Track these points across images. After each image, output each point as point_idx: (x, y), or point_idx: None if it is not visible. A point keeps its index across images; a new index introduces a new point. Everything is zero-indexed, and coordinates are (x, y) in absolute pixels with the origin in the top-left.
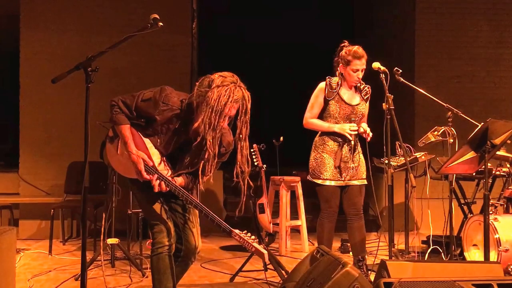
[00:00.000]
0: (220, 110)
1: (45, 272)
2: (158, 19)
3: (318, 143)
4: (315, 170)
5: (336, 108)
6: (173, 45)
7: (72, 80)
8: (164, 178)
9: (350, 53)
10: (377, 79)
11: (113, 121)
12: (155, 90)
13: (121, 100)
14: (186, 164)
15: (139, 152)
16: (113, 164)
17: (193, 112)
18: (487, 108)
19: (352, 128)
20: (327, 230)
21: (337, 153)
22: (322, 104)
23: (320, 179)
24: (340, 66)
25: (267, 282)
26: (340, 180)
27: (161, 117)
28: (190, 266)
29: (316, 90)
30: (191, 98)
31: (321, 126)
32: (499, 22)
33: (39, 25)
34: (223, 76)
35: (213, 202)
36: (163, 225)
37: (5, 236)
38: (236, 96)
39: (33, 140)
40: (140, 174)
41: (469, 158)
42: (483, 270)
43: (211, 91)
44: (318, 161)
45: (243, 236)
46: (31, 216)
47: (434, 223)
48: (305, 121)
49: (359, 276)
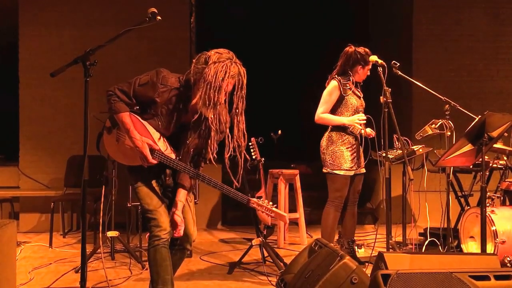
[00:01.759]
0: (218, 86)
1: (45, 264)
2: (156, 13)
3: (335, 137)
4: (335, 162)
5: (354, 101)
6: (171, 39)
7: (71, 74)
8: (170, 160)
9: (368, 54)
10: (375, 72)
11: (112, 110)
12: (151, 73)
13: (117, 88)
14: (189, 144)
15: (143, 137)
16: (112, 154)
17: (191, 89)
18: (485, 101)
19: (360, 118)
20: (333, 218)
21: (354, 145)
22: (335, 101)
23: (341, 169)
24: (359, 67)
25: (266, 274)
26: (353, 170)
27: (161, 98)
28: (186, 254)
29: (329, 88)
30: (188, 75)
31: (332, 120)
32: (496, 15)
33: (38, 19)
34: (219, 52)
35: (212, 196)
36: (160, 218)
37: (6, 229)
38: (233, 72)
39: (33, 134)
40: (146, 159)
41: (467, 151)
42: (480, 261)
43: (208, 67)
44: (337, 154)
45: (261, 203)
46: (32, 209)
47: (431, 215)
48: (317, 116)
49: (357, 268)
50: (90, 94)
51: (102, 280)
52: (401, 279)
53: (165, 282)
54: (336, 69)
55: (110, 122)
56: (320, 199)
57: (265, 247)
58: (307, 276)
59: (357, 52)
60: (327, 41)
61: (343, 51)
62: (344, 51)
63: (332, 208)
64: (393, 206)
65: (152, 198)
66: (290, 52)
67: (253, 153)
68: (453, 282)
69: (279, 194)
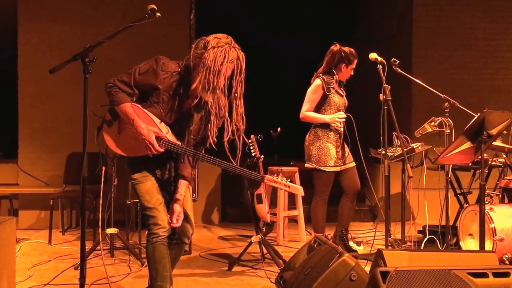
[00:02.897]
0: (217, 71)
1: (44, 261)
2: (155, 10)
3: (321, 134)
4: (321, 158)
5: (337, 99)
6: (170, 36)
7: (70, 71)
8: (177, 146)
9: (352, 54)
10: (374, 70)
11: (114, 102)
12: (150, 61)
13: (117, 79)
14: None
15: (148, 126)
16: (114, 148)
17: (191, 74)
18: (484, 99)
19: (340, 116)
20: (322, 210)
21: (338, 142)
22: (318, 99)
23: (326, 166)
24: (342, 65)
25: (265, 270)
26: (339, 165)
27: (163, 85)
28: (184, 248)
29: (313, 87)
30: (188, 60)
31: (315, 118)
32: (496, 13)
33: (37, 16)
34: (218, 37)
35: (211, 193)
36: (159, 215)
37: (5, 225)
38: (231, 56)
39: (32, 131)
40: (152, 146)
41: (466, 149)
42: (478, 259)
43: (207, 52)
44: (323, 150)
45: (275, 179)
46: (31, 206)
47: (430, 213)
48: (301, 114)
49: (356, 265)
50: (89, 91)
51: (102, 277)
52: (399, 276)
53: (163, 279)
54: (322, 67)
55: (110, 115)
56: None
57: (264, 244)
58: (306, 273)
59: (342, 50)
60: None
61: (329, 49)
62: (329, 49)
63: (320, 201)
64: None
65: (152, 195)
66: (290, 48)
67: (252, 150)
68: (452, 279)
69: (278, 192)
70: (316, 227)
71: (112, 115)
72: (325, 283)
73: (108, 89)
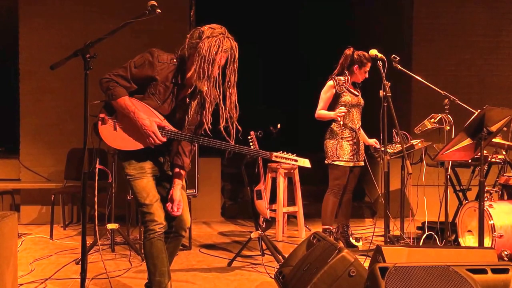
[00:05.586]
0: (212, 60)
1: (46, 256)
2: (156, 6)
3: (336, 131)
4: (334, 153)
5: (349, 98)
6: (171, 32)
7: (71, 67)
8: (179, 134)
9: (365, 57)
10: (374, 66)
11: (112, 96)
12: (144, 54)
13: (113, 74)
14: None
15: (150, 117)
16: (112, 143)
17: (185, 63)
18: (484, 96)
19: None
20: (332, 204)
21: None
22: (331, 98)
23: (339, 160)
24: (355, 67)
25: (264, 266)
26: (352, 161)
27: (160, 76)
28: (181, 241)
29: (325, 88)
30: (183, 50)
31: (325, 115)
32: (497, 10)
33: (39, 11)
34: (212, 27)
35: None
36: (156, 212)
37: (7, 220)
38: (225, 46)
39: (33, 126)
40: (155, 136)
41: (465, 145)
42: (477, 255)
43: (202, 42)
44: (337, 146)
45: (284, 155)
46: (32, 202)
47: (429, 209)
48: (316, 113)
49: (355, 261)
50: (90, 88)
51: (102, 271)
52: (398, 272)
53: (162, 274)
54: (336, 69)
55: (105, 111)
56: (318, 193)
57: (264, 240)
58: (305, 269)
59: (355, 54)
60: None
61: (343, 52)
62: (344, 53)
63: (332, 195)
64: (392, 200)
65: (148, 192)
66: (291, 45)
67: (252, 147)
68: (451, 275)
69: (278, 188)
70: (323, 219)
71: (107, 110)
72: (324, 278)
73: (105, 83)
